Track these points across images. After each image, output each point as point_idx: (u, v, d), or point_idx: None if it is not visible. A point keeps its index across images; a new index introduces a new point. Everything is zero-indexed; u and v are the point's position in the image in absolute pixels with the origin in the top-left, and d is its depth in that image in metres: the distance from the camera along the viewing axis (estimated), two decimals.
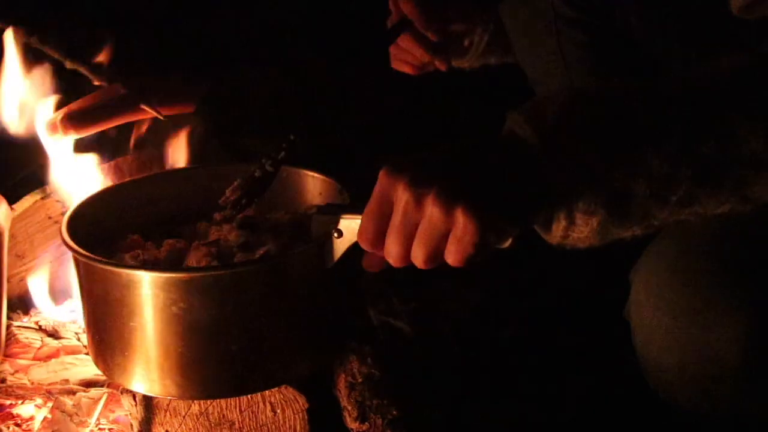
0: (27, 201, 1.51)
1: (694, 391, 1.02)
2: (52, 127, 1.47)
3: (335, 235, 1.03)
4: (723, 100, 0.85)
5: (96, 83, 1.55)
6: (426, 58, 1.40)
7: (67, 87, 1.52)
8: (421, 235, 0.85)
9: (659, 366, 1.05)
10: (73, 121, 1.47)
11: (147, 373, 1.08)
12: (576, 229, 0.85)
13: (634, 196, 0.83)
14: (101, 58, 1.55)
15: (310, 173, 1.33)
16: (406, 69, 1.44)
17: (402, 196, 0.85)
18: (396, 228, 0.87)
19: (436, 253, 0.85)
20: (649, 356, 1.06)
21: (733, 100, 0.84)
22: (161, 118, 1.55)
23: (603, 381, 1.31)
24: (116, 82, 1.53)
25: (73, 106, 1.49)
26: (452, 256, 0.84)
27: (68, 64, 1.53)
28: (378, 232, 0.89)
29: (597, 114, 0.85)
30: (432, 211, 0.83)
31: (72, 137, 1.48)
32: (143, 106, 1.53)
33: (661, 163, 0.82)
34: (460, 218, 0.82)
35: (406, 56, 1.42)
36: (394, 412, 1.13)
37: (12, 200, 1.48)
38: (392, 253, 0.88)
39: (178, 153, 1.53)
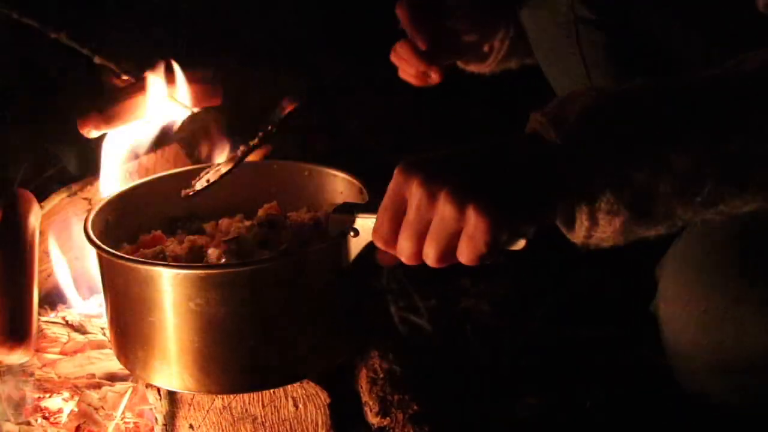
0: (54, 199, 1.52)
1: (725, 383, 1.02)
2: (85, 123, 1.48)
3: (351, 234, 1.03)
4: (748, 98, 0.83)
5: (124, 78, 1.56)
6: (421, 68, 1.34)
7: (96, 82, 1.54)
8: (433, 233, 0.85)
9: (689, 359, 1.04)
10: (104, 116, 1.48)
11: (166, 367, 1.09)
12: (599, 229, 0.84)
13: (657, 196, 0.82)
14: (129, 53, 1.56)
15: (332, 172, 1.33)
16: (409, 80, 1.38)
17: (415, 193, 0.85)
18: (409, 225, 0.86)
19: (447, 251, 0.85)
20: (678, 350, 1.05)
21: (759, 98, 0.83)
22: (189, 110, 1.55)
23: (603, 381, 1.30)
24: (144, 77, 1.54)
25: (104, 101, 1.50)
26: (464, 255, 0.84)
27: (97, 60, 1.54)
28: (392, 229, 0.88)
29: (620, 113, 0.84)
30: (444, 208, 0.82)
31: (103, 132, 1.49)
32: (171, 100, 1.54)
33: (685, 163, 0.81)
34: (472, 216, 0.81)
35: (405, 66, 1.37)
36: (415, 407, 1.13)
37: (40, 198, 1.50)
38: (405, 250, 0.88)
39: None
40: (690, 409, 1.11)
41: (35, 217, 1.44)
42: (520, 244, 0.88)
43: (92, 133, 1.51)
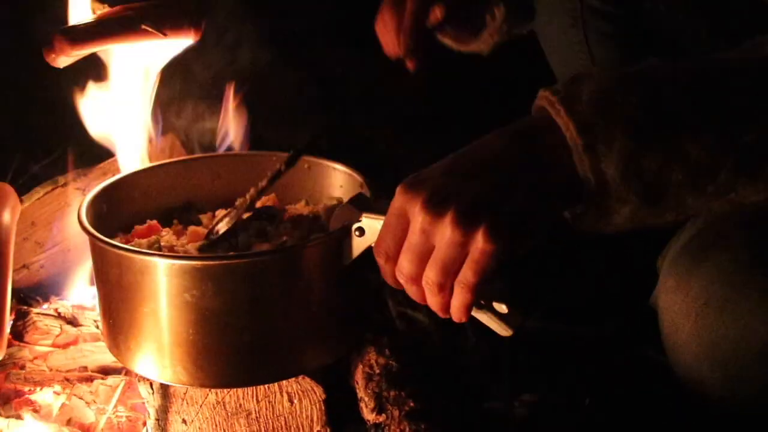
0: (38, 192, 1.50)
1: (722, 378, 1.01)
2: (49, 50, 1.39)
3: (356, 233, 1.01)
4: (766, 85, 0.82)
5: (98, 10, 1.48)
6: (398, 52, 1.26)
7: None
8: (438, 256, 0.83)
9: (687, 352, 1.03)
10: (69, 38, 1.39)
11: (158, 359, 1.07)
12: (607, 216, 0.83)
13: (669, 185, 0.81)
14: None
15: (333, 165, 1.32)
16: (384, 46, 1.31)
17: (418, 216, 0.83)
18: (411, 247, 0.85)
19: (449, 277, 0.84)
20: (677, 342, 1.04)
21: None
22: (164, 37, 1.48)
23: (603, 380, 1.30)
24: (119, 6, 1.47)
25: (70, 25, 1.42)
26: (465, 279, 0.83)
27: None
28: (395, 248, 0.87)
29: (635, 97, 0.82)
30: (453, 232, 0.81)
31: (69, 57, 1.39)
32: (145, 27, 1.47)
33: (699, 151, 0.80)
34: (480, 240, 0.80)
35: (384, 36, 1.29)
36: (411, 404, 1.12)
37: (26, 191, 1.49)
38: (404, 270, 0.87)
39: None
40: (690, 409, 1.10)
41: (11, 211, 1.41)
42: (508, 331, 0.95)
43: (59, 61, 1.41)
